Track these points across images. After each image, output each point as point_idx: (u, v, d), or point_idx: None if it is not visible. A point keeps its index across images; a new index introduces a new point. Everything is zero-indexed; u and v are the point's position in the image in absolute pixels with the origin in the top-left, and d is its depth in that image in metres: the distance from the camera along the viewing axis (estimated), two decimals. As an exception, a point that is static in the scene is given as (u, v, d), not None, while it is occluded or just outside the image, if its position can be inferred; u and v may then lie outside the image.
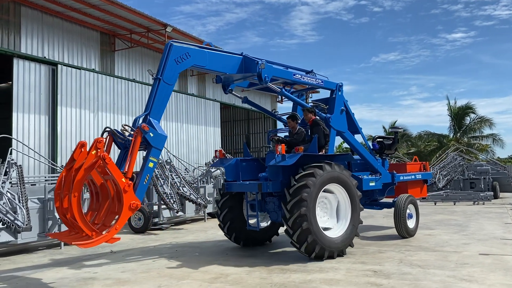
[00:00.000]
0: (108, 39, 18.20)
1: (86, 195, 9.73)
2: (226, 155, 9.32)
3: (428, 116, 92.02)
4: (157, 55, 20.13)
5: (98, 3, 15.22)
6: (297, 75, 8.72)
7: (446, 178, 22.48)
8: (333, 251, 7.55)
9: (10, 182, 9.13)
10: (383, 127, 43.93)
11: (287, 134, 9.46)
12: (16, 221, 8.46)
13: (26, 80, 14.79)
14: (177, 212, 12.48)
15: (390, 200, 10.14)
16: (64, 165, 13.50)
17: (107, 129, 6.80)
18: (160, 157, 11.52)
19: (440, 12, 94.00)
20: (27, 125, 14.74)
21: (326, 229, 7.82)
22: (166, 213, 12.79)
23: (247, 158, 9.20)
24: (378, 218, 13.15)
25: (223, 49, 8.57)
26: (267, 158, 8.71)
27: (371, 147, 10.27)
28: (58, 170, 13.54)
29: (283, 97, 10.07)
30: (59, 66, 15.82)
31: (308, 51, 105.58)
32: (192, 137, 22.66)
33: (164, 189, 12.17)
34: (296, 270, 6.91)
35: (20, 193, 8.94)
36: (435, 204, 18.03)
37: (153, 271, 7.21)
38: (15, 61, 14.50)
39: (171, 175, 12.80)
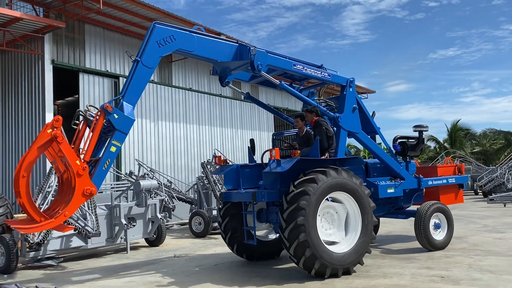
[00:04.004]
0: (165, 50, 18.83)
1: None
2: (228, 161, 8.63)
3: (492, 112, 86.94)
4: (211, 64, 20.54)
5: (155, 17, 15.82)
6: (298, 66, 7.70)
7: (516, 178, 21.12)
8: (337, 268, 6.62)
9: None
10: (445, 126, 42.17)
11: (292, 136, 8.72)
12: (86, 227, 8.94)
13: (91, 92, 15.65)
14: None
15: None
16: (128, 173, 14.16)
17: (80, 113, 6.30)
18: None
19: (502, 2, 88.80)
20: (93, 136, 15.54)
21: (333, 243, 7.03)
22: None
23: (249, 164, 8.32)
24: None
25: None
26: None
27: (392, 149, 9.22)
28: (122, 178, 14.19)
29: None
30: (121, 78, 16.59)
31: (361, 51, 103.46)
32: (247, 141, 22.86)
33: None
34: (359, 276, 6.77)
35: (89, 200, 9.44)
36: (504, 206, 17.00)
37: (216, 275, 7.35)
38: (80, 75, 15.40)
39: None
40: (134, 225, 10.22)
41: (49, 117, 13.85)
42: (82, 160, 5.66)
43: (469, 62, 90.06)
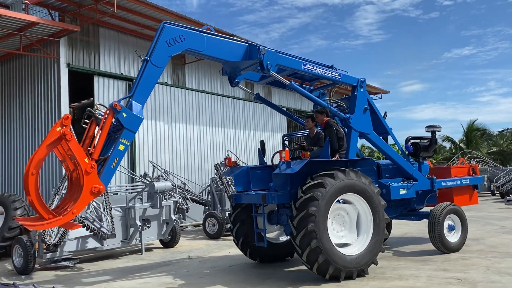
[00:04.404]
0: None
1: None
2: (238, 163, 8.48)
3: (509, 112, 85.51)
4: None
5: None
6: (308, 66, 7.65)
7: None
8: (351, 271, 6.55)
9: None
10: (461, 126, 41.64)
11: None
12: (102, 229, 9.03)
13: (106, 95, 15.81)
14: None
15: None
16: (142, 174, 14.27)
17: (90, 112, 6.34)
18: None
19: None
20: (107, 138, 15.71)
21: (345, 244, 6.98)
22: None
23: (259, 165, 8.29)
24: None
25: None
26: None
27: (405, 150, 9.15)
28: (137, 180, 14.30)
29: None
30: (135, 81, 16.70)
31: (374, 51, 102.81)
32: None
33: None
34: (374, 278, 6.72)
35: (104, 202, 9.54)
36: (522, 207, 16.72)
37: (230, 276, 7.36)
38: (95, 78, 15.58)
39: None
40: (148, 227, 10.29)
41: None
42: (91, 158, 5.69)
43: (485, 61, 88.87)
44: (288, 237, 8.04)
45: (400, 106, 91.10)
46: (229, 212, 8.54)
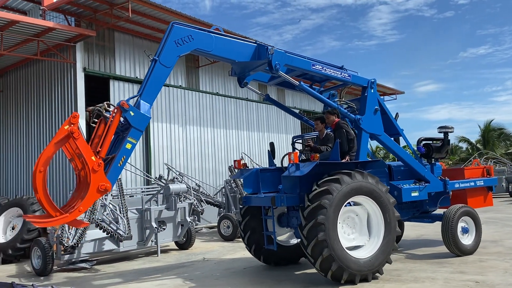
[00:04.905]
0: (192, 56, 19.09)
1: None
2: (247, 165, 8.48)
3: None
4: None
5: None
6: (317, 66, 7.56)
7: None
8: (365, 273, 6.50)
9: (111, 194, 9.91)
10: (478, 126, 41.05)
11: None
12: (118, 231, 9.14)
13: (121, 98, 15.78)
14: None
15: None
16: (157, 177, 14.40)
17: (98, 111, 6.32)
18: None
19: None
20: (123, 141, 15.89)
21: (356, 247, 6.90)
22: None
23: (269, 168, 8.23)
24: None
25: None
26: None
27: (417, 151, 8.97)
28: (152, 182, 14.43)
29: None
30: (149, 84, 16.87)
31: (388, 51, 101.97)
32: (275, 145, 22.86)
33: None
34: (389, 280, 6.68)
35: (120, 204, 9.66)
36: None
37: (246, 278, 7.39)
38: (111, 82, 15.77)
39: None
40: (164, 229, 10.38)
41: (82, 123, 14.23)
42: (98, 157, 5.71)
43: (502, 60, 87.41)
44: (298, 240, 8.01)
45: (415, 106, 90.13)
46: (239, 220, 8.52)
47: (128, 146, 5.95)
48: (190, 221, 10.63)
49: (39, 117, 16.13)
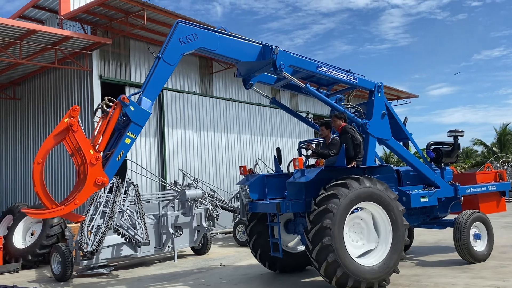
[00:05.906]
0: (206, 62, 19.25)
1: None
2: (254, 171, 8.37)
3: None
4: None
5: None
6: (323, 68, 7.40)
7: None
8: (371, 282, 6.27)
9: (128, 200, 10.00)
10: (494, 129, 40.50)
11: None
12: (136, 236, 9.22)
13: (136, 106, 16.14)
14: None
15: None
16: (173, 182, 14.49)
17: (100, 106, 6.32)
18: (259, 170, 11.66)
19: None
20: (139, 147, 16.07)
21: (364, 253, 6.70)
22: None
23: (275, 173, 8.11)
24: (495, 229, 12.08)
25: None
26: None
27: (426, 156, 8.74)
28: (167, 188, 14.53)
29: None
30: (164, 91, 17.06)
31: (400, 55, 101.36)
32: (287, 150, 22.88)
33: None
34: (409, 285, 6.63)
35: (138, 210, 9.74)
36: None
37: (264, 284, 7.38)
38: (126, 89, 15.97)
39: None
40: (180, 234, 10.43)
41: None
42: (96, 151, 5.73)
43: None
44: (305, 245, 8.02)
45: (428, 110, 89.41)
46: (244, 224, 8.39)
47: (127, 141, 5.96)
48: (206, 227, 10.67)
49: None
